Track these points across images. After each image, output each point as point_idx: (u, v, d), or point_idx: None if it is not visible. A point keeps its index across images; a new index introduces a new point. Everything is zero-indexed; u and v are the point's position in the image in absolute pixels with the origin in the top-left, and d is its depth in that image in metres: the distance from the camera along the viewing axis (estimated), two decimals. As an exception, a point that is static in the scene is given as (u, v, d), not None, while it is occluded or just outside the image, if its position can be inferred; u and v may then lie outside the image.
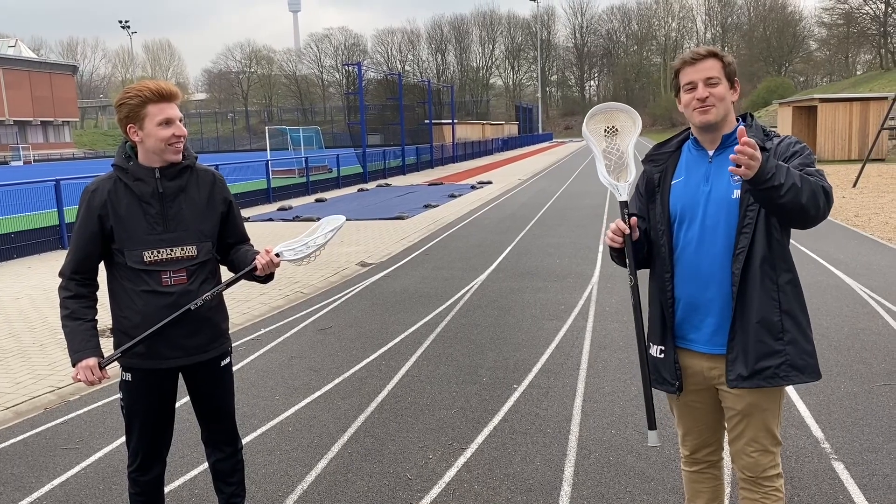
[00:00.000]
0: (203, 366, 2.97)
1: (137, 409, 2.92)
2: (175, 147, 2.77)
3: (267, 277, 2.96)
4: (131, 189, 2.78)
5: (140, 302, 2.79)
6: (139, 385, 2.89)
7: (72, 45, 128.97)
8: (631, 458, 4.08)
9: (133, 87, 2.76)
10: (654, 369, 2.66)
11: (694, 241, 2.51)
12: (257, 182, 22.10)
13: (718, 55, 2.49)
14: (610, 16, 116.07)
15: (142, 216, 2.78)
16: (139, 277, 2.79)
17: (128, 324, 2.82)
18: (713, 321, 2.52)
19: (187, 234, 2.84)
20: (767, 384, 2.45)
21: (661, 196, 2.59)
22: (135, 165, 2.80)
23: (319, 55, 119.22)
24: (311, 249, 2.96)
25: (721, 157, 2.49)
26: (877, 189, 17.73)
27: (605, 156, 2.64)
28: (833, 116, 28.37)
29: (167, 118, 2.73)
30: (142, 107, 2.71)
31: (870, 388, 4.97)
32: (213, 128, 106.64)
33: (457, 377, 5.52)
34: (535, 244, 11.62)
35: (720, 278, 2.47)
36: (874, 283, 7.94)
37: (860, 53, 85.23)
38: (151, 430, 2.96)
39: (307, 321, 7.39)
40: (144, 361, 2.85)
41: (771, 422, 2.55)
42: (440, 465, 4.09)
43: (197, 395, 3.06)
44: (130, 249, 2.77)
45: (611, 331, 6.58)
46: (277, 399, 5.21)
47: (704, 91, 2.44)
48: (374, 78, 51.06)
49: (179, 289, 2.82)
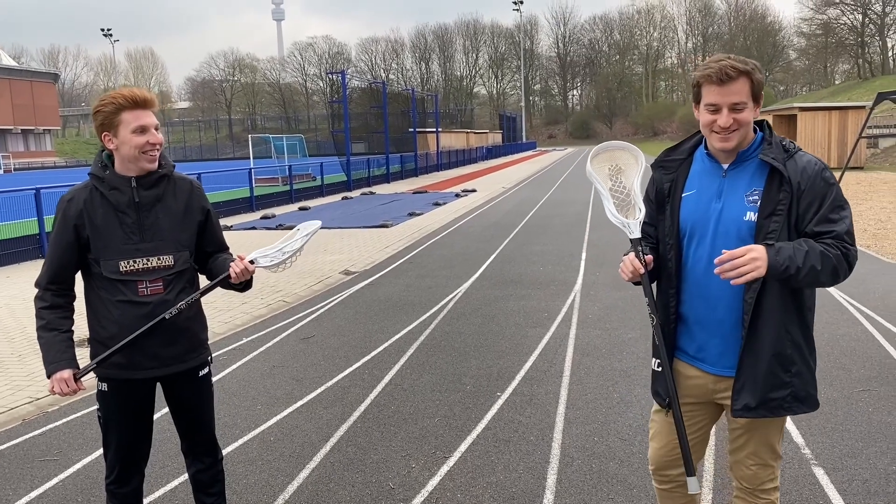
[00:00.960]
0: (181, 376, 2.93)
1: (114, 420, 2.89)
2: (150, 155, 2.73)
3: (244, 285, 2.92)
4: (107, 198, 2.75)
5: (116, 312, 2.75)
6: (116, 395, 2.86)
7: (53, 52, 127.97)
8: (613, 465, 4.09)
9: (108, 94, 2.73)
10: (653, 382, 2.63)
11: (704, 259, 2.40)
12: (240, 190, 21.99)
13: (748, 73, 2.27)
14: (592, 25, 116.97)
15: (118, 226, 2.74)
16: (115, 287, 2.75)
17: (104, 334, 2.78)
18: (719, 343, 2.44)
19: (164, 244, 2.81)
20: (771, 415, 2.40)
21: (671, 208, 2.49)
22: (111, 174, 2.76)
23: (303, 64, 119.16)
24: (287, 255, 2.92)
25: (736, 171, 2.38)
26: (855, 197, 17.94)
27: (612, 194, 2.54)
28: (812, 125, 28.71)
29: (142, 125, 2.69)
30: (116, 114, 2.68)
31: (849, 394, 5.02)
32: (196, 136, 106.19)
33: (440, 386, 5.51)
34: (518, 252, 11.64)
35: (730, 301, 2.38)
36: (853, 289, 8.02)
37: (839, 63, 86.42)
38: (128, 441, 2.92)
39: (290, 330, 7.35)
40: (121, 372, 2.81)
41: (773, 437, 2.52)
42: (423, 475, 4.07)
43: (175, 406, 3.02)
44: (106, 259, 2.74)
45: (593, 338, 6.60)
46: (259, 409, 5.18)
47: (728, 119, 2.27)
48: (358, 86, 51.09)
49: (156, 299, 2.78)
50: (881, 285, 8.35)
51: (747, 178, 2.37)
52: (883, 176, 24.70)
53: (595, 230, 13.87)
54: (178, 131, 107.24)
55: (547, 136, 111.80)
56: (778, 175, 2.30)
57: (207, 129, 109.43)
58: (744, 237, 2.33)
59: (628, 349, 6.22)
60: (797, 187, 2.27)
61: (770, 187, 2.31)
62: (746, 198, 2.33)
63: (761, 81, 2.34)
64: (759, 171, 2.35)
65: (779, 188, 2.29)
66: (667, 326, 2.52)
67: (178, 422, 3.07)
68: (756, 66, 2.33)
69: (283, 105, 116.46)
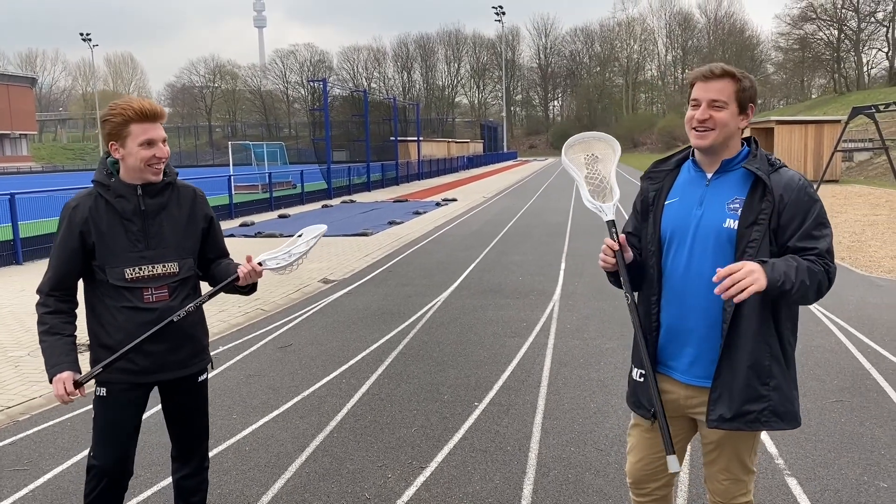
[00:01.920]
0: (182, 381, 2.95)
1: (112, 425, 2.87)
2: (155, 168, 2.77)
3: (250, 288, 2.97)
4: (113, 206, 2.77)
5: (122, 318, 2.77)
6: (116, 400, 2.85)
7: (31, 56, 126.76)
8: (589, 475, 4.10)
9: (118, 103, 2.74)
10: (631, 392, 2.62)
11: (681, 266, 2.42)
12: (220, 197, 21.83)
13: (734, 76, 2.34)
14: (573, 37, 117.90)
15: (123, 233, 2.77)
16: (120, 294, 2.77)
17: (109, 340, 2.79)
18: (691, 351, 2.44)
19: (169, 251, 2.84)
20: (748, 428, 2.37)
21: (653, 215, 2.51)
22: (116, 182, 2.78)
23: (285, 71, 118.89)
24: (294, 258, 2.98)
25: (719, 181, 2.41)
26: (831, 210, 18.20)
27: (587, 181, 2.58)
28: (789, 138, 29.09)
29: (149, 139, 2.72)
30: (124, 126, 2.70)
31: (823, 405, 5.07)
32: (176, 142, 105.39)
33: (418, 395, 5.49)
34: (498, 261, 11.67)
35: (704, 308, 2.37)
36: (827, 301, 8.12)
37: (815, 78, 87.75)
38: (123, 446, 2.91)
39: (267, 339, 7.30)
40: (125, 376, 2.82)
41: (744, 453, 2.52)
42: (399, 485, 4.06)
43: (173, 411, 3.03)
44: (112, 266, 2.76)
45: (571, 347, 6.62)
46: (234, 418, 5.13)
47: (705, 112, 2.33)
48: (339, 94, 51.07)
49: (162, 305, 2.81)
50: (855, 297, 8.47)
51: (730, 187, 2.39)
52: (858, 189, 25.09)
53: (575, 240, 13.94)
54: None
55: (528, 146, 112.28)
56: (761, 185, 2.32)
57: (187, 135, 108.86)
58: (722, 244, 2.34)
59: (606, 359, 6.25)
60: (779, 199, 2.29)
61: (752, 197, 2.33)
62: (727, 205, 2.35)
63: (749, 90, 2.36)
64: (743, 181, 2.38)
65: (761, 198, 2.31)
66: (649, 334, 2.52)
67: (174, 427, 3.07)
68: (746, 75, 2.37)
69: (264, 112, 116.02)
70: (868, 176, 30.66)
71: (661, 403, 2.40)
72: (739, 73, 2.36)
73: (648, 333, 2.52)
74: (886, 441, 4.44)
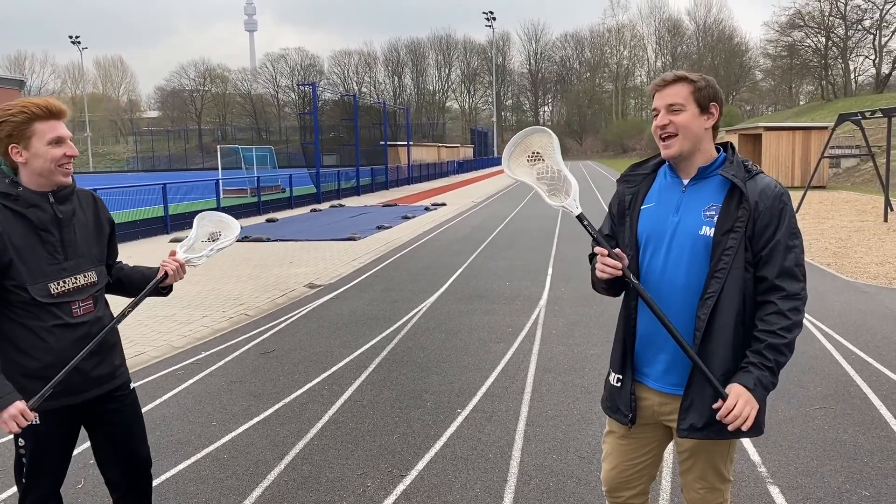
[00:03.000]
0: (110, 396, 2.78)
1: (48, 453, 2.66)
2: (65, 169, 2.58)
3: (169, 289, 2.89)
4: (26, 217, 2.54)
5: (52, 339, 2.56)
6: (53, 427, 2.64)
7: (20, 59, 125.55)
8: (571, 483, 4.06)
9: (15, 103, 2.53)
10: (608, 397, 2.59)
11: (656, 272, 2.40)
12: (208, 201, 21.74)
13: (687, 79, 2.36)
14: (564, 43, 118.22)
15: (40, 245, 2.56)
16: (48, 312, 2.56)
17: (36, 365, 2.55)
18: (665, 358, 2.42)
19: (84, 260, 2.68)
20: (717, 437, 2.36)
21: (630, 220, 2.49)
22: (24, 191, 2.55)
23: (275, 75, 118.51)
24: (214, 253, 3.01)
25: (695, 188, 2.39)
26: (817, 216, 18.28)
27: (539, 182, 2.52)
28: (777, 144, 29.24)
29: (58, 136, 2.53)
30: (28, 124, 2.49)
31: (806, 412, 5.05)
32: (165, 146, 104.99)
33: (400, 402, 5.44)
34: (485, 266, 11.63)
35: (677, 315, 2.35)
36: (812, 307, 8.13)
37: (803, 84, 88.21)
38: (60, 471, 2.74)
39: (250, 344, 7.23)
40: (59, 400, 2.60)
41: (718, 461, 2.50)
42: (378, 494, 4.00)
43: (108, 432, 2.81)
44: (33, 283, 2.53)
45: (556, 354, 6.58)
46: (214, 425, 5.06)
47: (664, 118, 2.35)
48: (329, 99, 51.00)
49: (90, 317, 2.67)
50: (840, 303, 8.48)
51: (706, 194, 2.37)
52: (844, 195, 25.22)
53: (562, 246, 13.92)
54: (147, 141, 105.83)
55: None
56: (738, 192, 2.31)
57: (176, 138, 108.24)
58: (698, 251, 2.33)
59: (590, 365, 6.22)
60: (755, 206, 2.28)
61: (729, 204, 2.31)
62: (703, 213, 2.34)
63: (706, 89, 2.36)
64: (720, 188, 2.36)
65: (738, 205, 2.29)
66: (628, 339, 2.50)
67: (106, 450, 2.85)
68: (703, 76, 2.38)
69: (254, 116, 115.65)
70: (855, 182, 30.85)
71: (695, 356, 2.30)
72: (695, 76, 2.37)
73: (628, 337, 2.50)
74: (870, 448, 4.43)
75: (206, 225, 3.07)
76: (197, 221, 3.05)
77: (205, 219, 3.09)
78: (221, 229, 3.07)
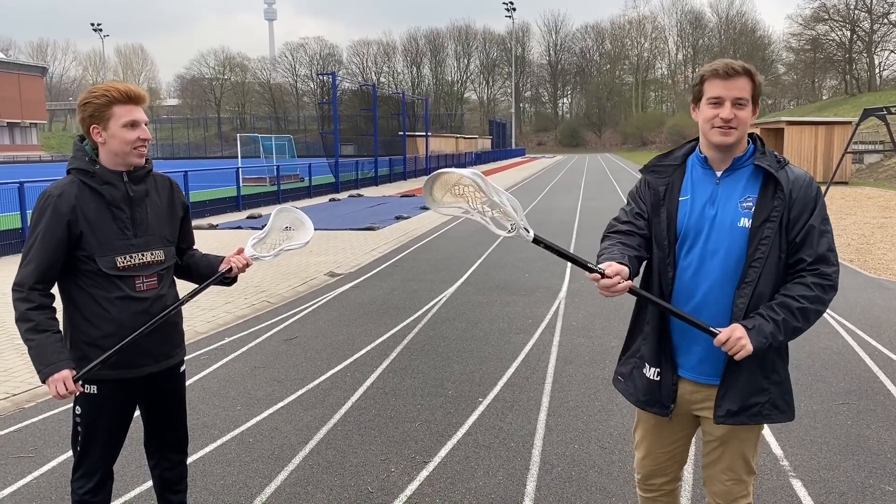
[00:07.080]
0: (165, 372, 2.93)
1: (102, 424, 2.81)
2: (139, 150, 2.73)
3: (232, 280, 3.00)
4: (100, 193, 2.69)
5: (114, 310, 2.70)
6: (108, 397, 2.79)
7: (42, 46, 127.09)
8: (593, 473, 4.09)
9: (100, 86, 2.68)
10: (647, 391, 2.57)
11: (693, 264, 2.41)
12: (227, 189, 21.89)
13: (752, 74, 2.34)
14: (584, 34, 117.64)
15: (111, 221, 2.70)
16: (113, 284, 2.70)
17: (97, 334, 2.70)
18: (700, 349, 2.44)
19: (154, 239, 2.82)
20: (751, 421, 2.40)
21: (667, 212, 2.46)
22: (101, 169, 2.71)
23: (294, 64, 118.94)
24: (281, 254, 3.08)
25: (729, 179, 2.40)
26: (840, 212, 18.10)
27: (482, 214, 2.49)
28: (799, 139, 28.95)
29: (133, 120, 2.67)
30: (108, 107, 2.64)
31: (829, 407, 5.04)
32: (185, 134, 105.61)
33: (422, 390, 5.49)
34: (504, 258, 11.64)
35: (713, 306, 2.38)
36: (835, 303, 8.07)
37: (826, 79, 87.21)
38: (114, 444, 2.88)
39: (273, 331, 7.31)
40: (116, 371, 2.75)
41: (748, 451, 2.52)
42: (402, 479, 4.05)
43: (155, 403, 3.00)
44: (102, 255, 2.68)
45: (577, 345, 6.60)
46: (239, 409, 5.14)
47: (731, 112, 2.31)
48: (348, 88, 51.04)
49: (152, 294, 2.79)
50: (863, 299, 8.42)
51: (741, 185, 2.39)
52: (867, 191, 24.93)
53: (582, 237, 13.90)
54: (167, 128, 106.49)
55: (536, 143, 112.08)
56: (773, 182, 2.34)
57: (196, 126, 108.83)
58: (736, 242, 2.35)
59: (611, 357, 6.22)
60: (789, 195, 2.32)
61: (765, 194, 2.34)
62: (740, 204, 2.36)
63: (761, 86, 2.38)
64: (753, 179, 2.38)
65: (773, 195, 2.33)
66: (664, 331, 2.50)
67: (155, 420, 3.03)
68: (757, 72, 2.39)
69: (272, 105, 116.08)
70: (878, 178, 30.48)
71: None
72: (755, 71, 2.38)
73: (664, 331, 2.50)
74: (893, 444, 4.42)
75: (283, 219, 3.15)
76: (274, 213, 3.14)
77: (283, 212, 3.17)
78: (296, 227, 3.14)
